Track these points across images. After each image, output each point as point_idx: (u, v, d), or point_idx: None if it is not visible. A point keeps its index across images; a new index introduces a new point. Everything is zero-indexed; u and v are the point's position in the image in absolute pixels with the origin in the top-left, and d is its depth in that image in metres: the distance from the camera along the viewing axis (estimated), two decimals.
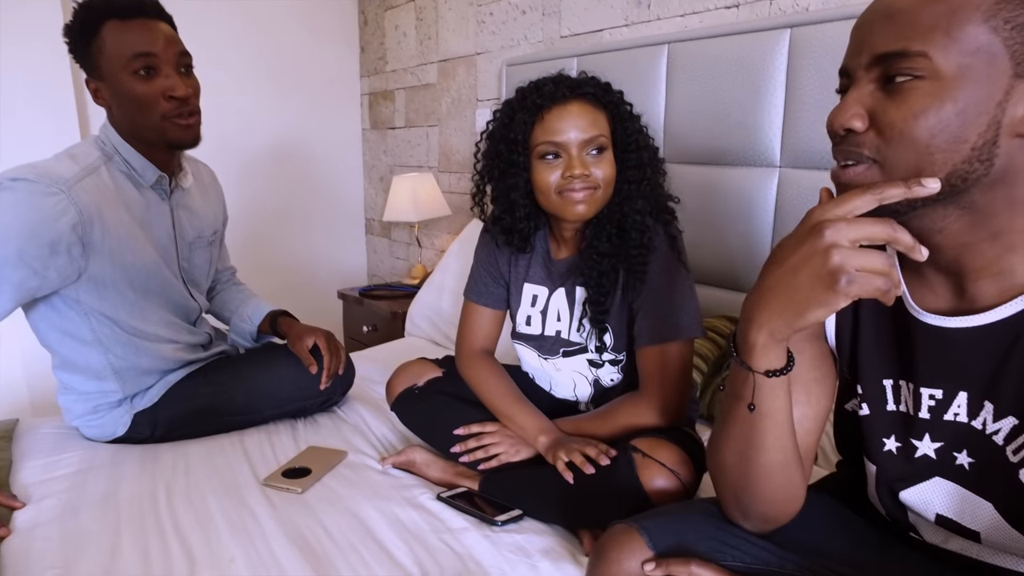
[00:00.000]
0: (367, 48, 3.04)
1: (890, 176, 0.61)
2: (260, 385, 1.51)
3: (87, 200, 1.24)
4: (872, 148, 0.61)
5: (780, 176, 1.52)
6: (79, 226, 1.23)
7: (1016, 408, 0.65)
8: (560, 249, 1.29)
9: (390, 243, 3.12)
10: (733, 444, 0.74)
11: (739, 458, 0.74)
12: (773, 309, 0.63)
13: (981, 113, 0.57)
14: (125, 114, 1.30)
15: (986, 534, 0.70)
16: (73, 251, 1.24)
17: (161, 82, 1.27)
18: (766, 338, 0.65)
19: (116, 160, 1.34)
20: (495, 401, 1.28)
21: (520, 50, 2.25)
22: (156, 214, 1.40)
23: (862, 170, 0.62)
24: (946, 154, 0.58)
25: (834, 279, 0.58)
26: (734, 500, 0.78)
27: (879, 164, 0.61)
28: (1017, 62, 0.56)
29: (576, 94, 1.14)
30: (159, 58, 1.26)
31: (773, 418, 0.70)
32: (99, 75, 1.28)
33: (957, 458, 0.70)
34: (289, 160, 2.95)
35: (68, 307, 1.32)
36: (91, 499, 1.19)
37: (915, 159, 0.59)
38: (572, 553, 1.04)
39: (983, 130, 0.58)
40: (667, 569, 0.75)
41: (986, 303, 0.65)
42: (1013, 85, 0.57)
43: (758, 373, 0.68)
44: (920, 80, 0.58)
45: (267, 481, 1.26)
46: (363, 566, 1.01)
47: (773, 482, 0.73)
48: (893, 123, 0.59)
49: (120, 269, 1.31)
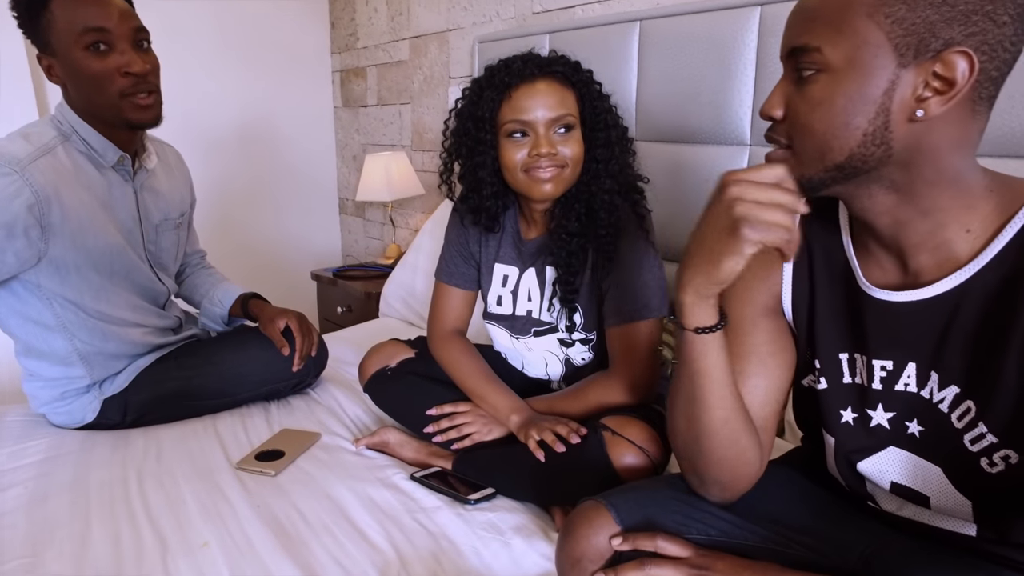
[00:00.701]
0: (337, 24, 2.98)
1: (800, 159, 0.67)
2: (232, 368, 1.50)
3: (43, 181, 1.20)
4: (785, 135, 0.69)
5: (750, 154, 1.53)
6: (35, 207, 1.19)
7: (958, 377, 0.68)
8: (530, 229, 1.29)
9: (364, 223, 3.09)
10: (680, 407, 0.78)
11: (687, 420, 0.78)
12: (695, 267, 0.69)
13: (868, 102, 0.62)
14: (80, 92, 1.26)
15: (935, 499, 0.73)
16: (31, 233, 1.20)
17: (116, 58, 1.22)
18: (692, 296, 0.71)
19: (74, 140, 1.29)
20: (467, 381, 1.29)
21: (492, 26, 2.22)
22: (119, 196, 1.36)
23: (781, 154, 0.69)
24: (840, 140, 0.64)
25: (737, 226, 0.63)
26: (690, 466, 0.81)
27: (792, 149, 0.68)
28: (900, 53, 0.60)
29: (544, 72, 1.13)
30: (113, 33, 1.22)
31: (710, 375, 0.74)
32: (51, 51, 1.23)
33: (908, 427, 0.73)
34: (259, 139, 2.89)
35: (28, 292, 1.29)
36: (59, 486, 1.18)
37: (816, 145, 0.65)
38: (544, 530, 1.06)
39: (872, 117, 0.62)
40: (634, 543, 0.77)
41: (927, 277, 0.68)
42: (898, 75, 0.61)
43: (689, 331, 0.72)
44: (819, 73, 0.64)
45: (240, 465, 1.25)
46: (337, 547, 1.02)
47: (718, 440, 0.76)
48: (797, 114, 0.66)
49: (83, 252, 1.28)
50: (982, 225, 0.65)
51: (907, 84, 0.61)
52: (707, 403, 0.75)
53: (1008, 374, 0.63)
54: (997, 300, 0.64)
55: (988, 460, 0.67)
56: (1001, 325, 0.63)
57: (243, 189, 2.89)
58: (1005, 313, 0.63)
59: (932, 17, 0.58)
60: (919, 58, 0.60)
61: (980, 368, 0.66)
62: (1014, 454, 0.65)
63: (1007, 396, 0.64)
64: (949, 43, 0.58)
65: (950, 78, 0.59)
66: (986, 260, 0.64)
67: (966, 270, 0.65)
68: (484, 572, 0.97)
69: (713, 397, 0.74)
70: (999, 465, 0.67)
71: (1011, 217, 0.64)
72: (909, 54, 0.60)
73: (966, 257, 0.65)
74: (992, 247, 0.64)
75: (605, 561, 0.78)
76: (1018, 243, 0.63)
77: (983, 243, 0.65)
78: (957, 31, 0.58)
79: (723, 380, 0.75)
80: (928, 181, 0.64)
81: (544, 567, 0.98)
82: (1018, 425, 0.64)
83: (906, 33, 0.59)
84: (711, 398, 0.74)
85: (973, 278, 0.65)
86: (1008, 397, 0.64)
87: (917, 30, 0.59)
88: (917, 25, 0.59)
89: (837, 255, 0.77)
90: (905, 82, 0.61)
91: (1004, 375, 0.64)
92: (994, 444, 0.66)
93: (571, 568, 0.80)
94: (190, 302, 1.69)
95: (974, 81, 0.59)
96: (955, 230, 0.65)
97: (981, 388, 0.66)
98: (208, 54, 2.68)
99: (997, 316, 0.64)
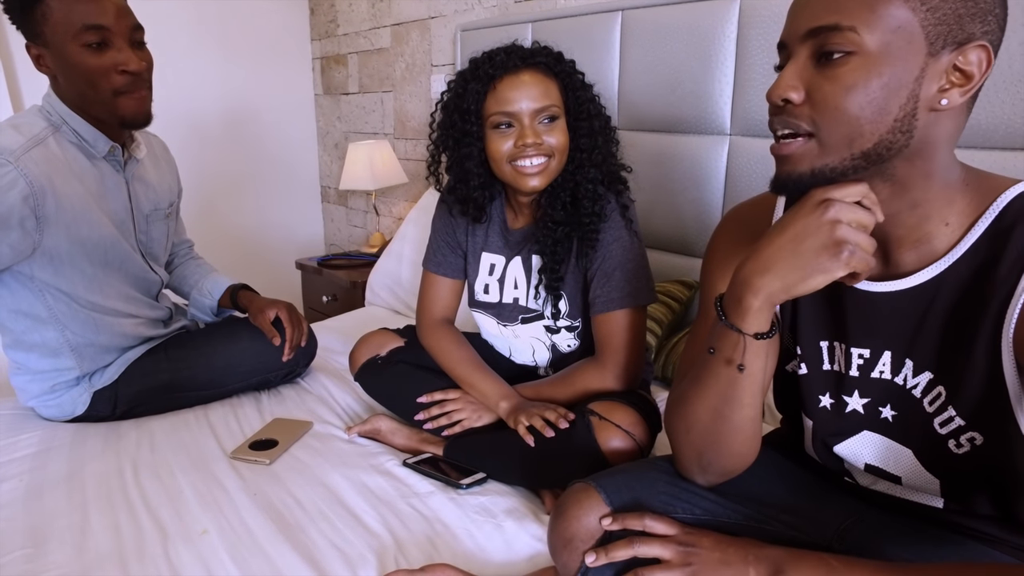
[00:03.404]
0: (317, 10, 2.95)
1: (825, 147, 0.65)
2: (222, 359, 1.51)
3: (37, 171, 1.20)
4: (808, 121, 0.66)
5: (731, 144, 1.56)
6: (30, 198, 1.19)
7: (932, 364, 0.72)
8: (517, 218, 1.31)
9: (347, 211, 3.09)
10: (709, 402, 0.78)
11: (714, 415, 0.78)
12: (775, 275, 0.68)
13: (902, 87, 0.62)
14: (72, 86, 1.25)
15: (906, 478, 0.78)
16: (27, 224, 1.20)
17: (113, 55, 1.22)
18: (762, 302, 0.70)
19: (64, 130, 1.29)
20: (456, 368, 1.32)
21: (474, 14, 2.23)
22: (111, 186, 1.36)
23: (800, 143, 0.67)
24: (873, 125, 0.63)
25: (839, 249, 0.65)
26: (696, 456, 0.82)
27: (815, 137, 0.66)
28: (931, 41, 0.61)
29: (528, 64, 1.15)
30: (111, 31, 1.21)
31: (754, 377, 0.75)
32: (42, 42, 1.22)
33: (882, 412, 0.77)
34: (239, 127, 2.87)
35: (20, 284, 1.30)
36: (54, 479, 1.19)
37: (847, 131, 0.64)
38: (535, 512, 1.10)
39: (904, 103, 0.63)
40: (623, 523, 0.80)
41: (907, 269, 0.71)
42: (927, 63, 0.62)
43: (748, 335, 0.72)
44: (850, 56, 0.62)
45: (234, 454, 1.27)
46: (335, 532, 1.04)
47: (742, 436, 0.79)
48: (827, 98, 0.64)
49: (77, 242, 1.28)
50: (958, 219, 0.68)
51: (935, 74, 0.62)
52: (743, 402, 0.76)
53: (977, 359, 0.67)
54: (970, 289, 0.67)
55: (956, 442, 0.71)
56: (972, 313, 0.67)
57: (224, 178, 2.87)
58: (976, 301, 0.67)
59: (960, 10, 0.61)
60: (945, 48, 0.61)
61: (952, 354, 0.70)
62: (979, 436, 0.70)
63: (975, 380, 0.68)
64: (971, 37, 0.61)
65: (969, 71, 0.62)
66: (961, 252, 0.68)
67: (943, 261, 0.69)
68: (478, 554, 1.01)
69: (749, 397, 0.76)
70: (965, 447, 0.71)
71: (984, 211, 0.67)
72: (939, 43, 0.61)
73: (943, 249, 0.69)
74: (967, 239, 0.67)
75: (595, 541, 0.81)
76: (990, 235, 0.66)
77: (959, 235, 0.68)
78: (978, 26, 0.61)
79: (762, 381, 0.76)
80: (924, 173, 0.67)
81: (536, 548, 1.01)
82: (984, 408, 0.68)
83: (938, 22, 0.61)
84: (747, 398, 0.76)
85: (949, 269, 0.69)
86: (976, 381, 0.68)
87: (947, 20, 0.61)
88: (948, 16, 0.60)
89: None
90: (933, 71, 0.62)
91: (973, 360, 0.67)
92: (961, 427, 0.70)
93: (563, 548, 0.83)
94: (179, 292, 1.69)
95: (986, 76, 0.62)
96: (936, 223, 0.69)
97: (951, 373, 0.70)
98: (185, 40, 2.64)
99: (969, 304, 0.67)
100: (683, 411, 0.82)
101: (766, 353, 0.75)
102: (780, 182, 0.70)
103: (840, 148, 0.65)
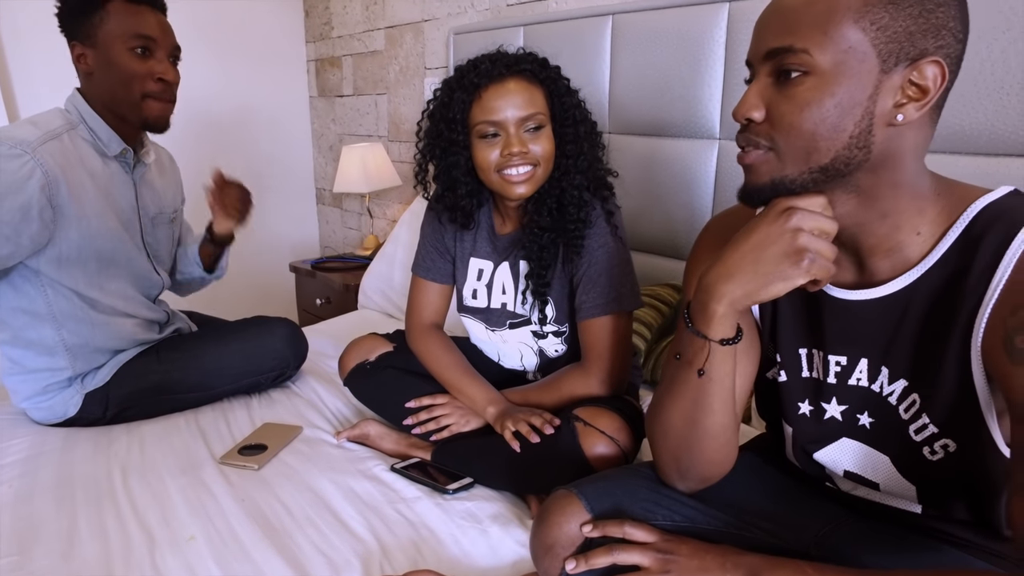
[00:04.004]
0: (311, 12, 2.95)
1: (783, 160, 0.68)
2: (212, 361, 1.52)
3: (51, 162, 1.25)
4: (767, 137, 0.68)
5: (719, 148, 1.57)
6: (47, 187, 1.24)
7: (907, 371, 0.72)
8: (504, 224, 1.32)
9: (342, 213, 3.09)
10: (680, 408, 0.79)
11: (685, 421, 0.79)
12: (737, 281, 0.70)
13: (855, 105, 0.64)
14: (107, 84, 1.33)
15: (884, 484, 0.79)
16: (44, 215, 1.25)
17: (154, 64, 1.34)
18: (726, 308, 0.72)
19: (80, 129, 1.35)
20: (445, 374, 1.32)
21: (467, 17, 2.23)
22: (119, 184, 1.41)
23: (761, 154, 0.69)
24: (828, 142, 0.65)
25: (800, 257, 0.67)
26: (674, 462, 0.83)
27: (774, 151, 0.68)
28: (883, 59, 0.63)
29: (513, 71, 1.15)
30: (157, 43, 1.34)
31: (721, 383, 0.76)
32: (91, 42, 1.31)
33: (860, 419, 0.78)
34: (234, 128, 2.87)
35: (23, 279, 1.33)
36: (44, 484, 1.20)
37: (803, 146, 0.66)
38: (520, 518, 1.10)
39: (858, 120, 0.64)
40: (603, 530, 0.81)
41: (882, 277, 0.72)
42: (881, 80, 0.63)
43: (713, 341, 0.74)
44: (805, 76, 0.65)
45: (224, 459, 1.28)
46: (321, 538, 1.05)
47: (716, 443, 0.79)
48: (783, 116, 0.66)
49: (86, 237, 1.32)
50: (930, 228, 0.69)
51: (889, 90, 0.64)
52: (713, 408, 0.77)
53: (948, 366, 0.68)
54: (941, 298, 0.68)
55: (930, 449, 0.72)
56: (944, 320, 0.68)
57: None
58: (947, 310, 0.68)
59: (911, 27, 0.62)
60: (899, 65, 0.63)
61: (925, 362, 0.70)
62: (953, 443, 0.71)
63: (947, 388, 0.69)
64: (924, 53, 0.62)
65: (924, 86, 0.63)
66: (933, 261, 0.69)
67: (915, 270, 0.70)
68: (463, 559, 1.01)
69: (719, 403, 0.77)
70: (939, 453, 0.72)
71: (955, 220, 0.68)
72: (891, 60, 0.63)
73: (916, 258, 0.70)
74: (938, 248, 0.68)
75: (576, 548, 0.82)
76: (960, 245, 0.67)
77: (931, 245, 0.69)
78: (931, 42, 0.62)
79: (731, 387, 0.77)
80: (891, 184, 0.68)
81: (520, 553, 1.02)
82: (956, 416, 0.69)
83: (889, 40, 0.62)
84: (717, 403, 0.77)
85: (921, 278, 0.69)
86: (948, 389, 0.69)
87: (898, 38, 0.62)
88: (899, 33, 0.62)
89: None
90: (887, 88, 0.64)
91: (945, 368, 0.68)
92: (935, 434, 0.71)
93: (544, 554, 0.84)
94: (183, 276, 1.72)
95: (943, 89, 0.63)
96: (907, 232, 0.70)
97: (925, 381, 0.71)
98: (180, 42, 2.63)
99: (941, 312, 0.68)
100: (659, 417, 0.83)
101: (734, 359, 0.76)
102: (744, 191, 0.72)
103: (798, 162, 0.67)
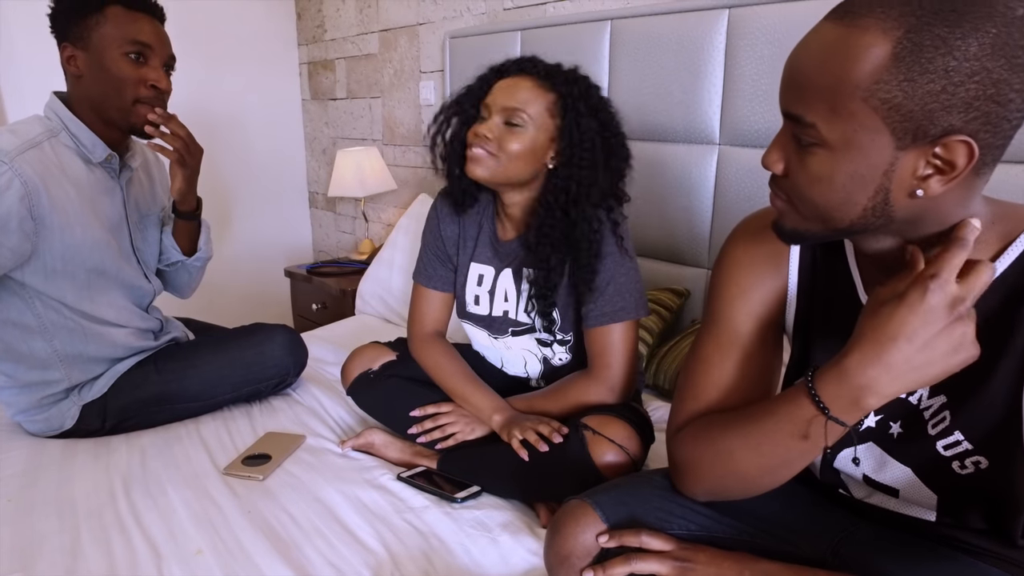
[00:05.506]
0: (304, 15, 2.94)
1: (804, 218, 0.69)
2: (212, 370, 1.50)
3: (30, 172, 1.22)
4: (786, 194, 0.69)
5: (719, 153, 1.58)
6: (26, 198, 1.21)
7: (949, 388, 0.71)
8: (507, 230, 1.31)
9: (335, 217, 3.07)
10: (766, 462, 0.76)
11: (763, 473, 0.77)
12: (904, 382, 0.64)
13: (868, 181, 0.62)
14: (96, 87, 1.30)
15: (904, 491, 0.79)
16: (25, 226, 1.22)
17: (148, 71, 1.32)
18: (878, 402, 0.66)
19: (62, 136, 1.32)
20: (449, 382, 1.32)
21: (463, 21, 2.23)
22: (105, 191, 1.38)
23: (784, 206, 0.70)
24: (842, 212, 0.65)
25: (969, 346, 0.63)
26: (715, 491, 0.82)
27: (794, 208, 0.69)
28: (898, 137, 0.59)
29: (530, 72, 1.18)
30: (153, 50, 1.32)
31: (819, 454, 0.73)
32: (83, 44, 1.28)
33: (891, 428, 0.77)
34: (226, 131, 2.84)
35: (10, 292, 1.30)
36: (44, 498, 1.18)
37: (818, 213, 0.67)
38: (530, 526, 1.10)
39: (872, 195, 0.63)
40: (619, 540, 0.81)
41: None
42: (897, 156, 0.60)
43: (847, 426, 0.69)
44: (817, 147, 0.63)
45: (227, 470, 1.27)
46: (330, 549, 1.04)
47: (775, 484, 0.78)
48: (796, 184, 0.67)
49: (71, 247, 1.29)
50: (984, 251, 0.67)
51: (907, 165, 0.60)
52: (796, 468, 0.75)
53: (995, 389, 0.67)
54: (997, 319, 0.66)
55: (960, 463, 0.72)
56: (997, 343, 0.66)
57: (211, 183, 2.82)
58: (1002, 332, 0.66)
59: (931, 105, 0.56)
60: (918, 142, 0.58)
61: (970, 383, 0.69)
62: (986, 460, 0.70)
63: (991, 410, 0.68)
64: (949, 131, 0.57)
65: (951, 160, 0.59)
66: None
67: None
68: (474, 569, 1.01)
69: (806, 463, 0.75)
70: (970, 468, 0.72)
71: (1011, 242, 0.66)
72: (907, 138, 0.58)
73: None
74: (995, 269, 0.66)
75: (592, 558, 0.82)
76: (1018, 267, 0.65)
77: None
78: (957, 118, 0.56)
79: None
80: (935, 224, 0.65)
81: (531, 562, 1.02)
82: (996, 436, 0.69)
83: (903, 119, 0.58)
84: (802, 465, 0.75)
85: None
86: (993, 410, 0.68)
87: (915, 116, 0.57)
88: (915, 112, 0.57)
89: (843, 275, 0.79)
90: (904, 163, 0.60)
91: (991, 389, 0.67)
92: (969, 450, 0.71)
93: (559, 565, 0.84)
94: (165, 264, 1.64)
95: (977, 162, 0.58)
96: None
97: (965, 399, 0.70)
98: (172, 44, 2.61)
99: (995, 334, 0.66)
100: (727, 463, 0.78)
101: None
102: (777, 230, 0.73)
103: (815, 222, 0.68)
